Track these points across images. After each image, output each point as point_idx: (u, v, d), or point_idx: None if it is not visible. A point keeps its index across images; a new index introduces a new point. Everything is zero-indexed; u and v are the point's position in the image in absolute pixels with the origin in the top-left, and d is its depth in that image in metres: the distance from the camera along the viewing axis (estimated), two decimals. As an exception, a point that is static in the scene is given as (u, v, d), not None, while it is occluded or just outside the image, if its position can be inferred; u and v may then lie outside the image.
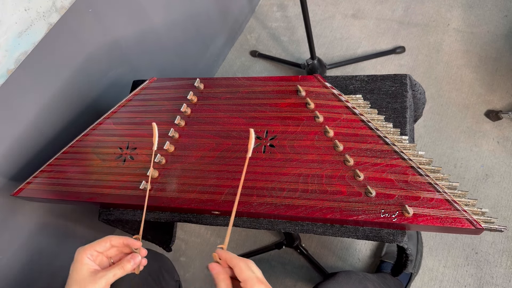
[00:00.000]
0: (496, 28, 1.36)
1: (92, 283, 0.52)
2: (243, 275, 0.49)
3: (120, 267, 0.54)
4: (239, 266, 0.50)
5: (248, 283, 0.48)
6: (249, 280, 0.49)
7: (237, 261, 0.51)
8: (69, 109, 0.99)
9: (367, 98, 0.76)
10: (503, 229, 0.58)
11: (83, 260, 0.54)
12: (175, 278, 0.85)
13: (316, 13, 1.59)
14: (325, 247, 1.19)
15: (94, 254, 0.55)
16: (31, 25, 0.72)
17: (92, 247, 0.55)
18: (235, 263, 0.50)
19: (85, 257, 0.54)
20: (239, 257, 0.51)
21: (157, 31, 1.18)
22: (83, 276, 0.53)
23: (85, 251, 0.54)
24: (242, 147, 0.74)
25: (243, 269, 0.49)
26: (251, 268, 0.50)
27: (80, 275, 0.53)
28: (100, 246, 0.55)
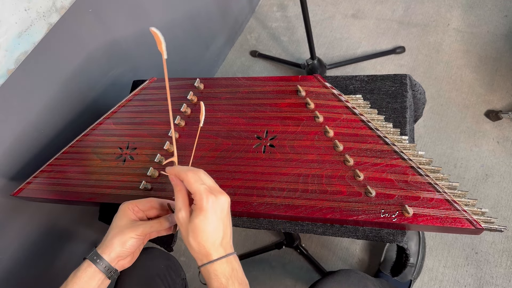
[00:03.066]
0: (496, 28, 1.36)
1: (130, 228, 0.55)
2: (192, 187, 0.49)
3: (157, 221, 0.57)
4: (187, 179, 0.50)
5: (197, 196, 0.49)
6: (197, 192, 0.49)
7: (185, 174, 0.50)
8: (69, 109, 0.99)
9: (367, 98, 0.76)
10: (503, 229, 0.58)
11: (126, 211, 0.57)
12: (182, 276, 0.86)
13: (316, 13, 1.59)
14: (325, 247, 1.19)
15: (135, 209, 0.58)
16: (31, 25, 0.72)
17: (135, 203, 0.58)
18: (183, 176, 0.50)
19: (128, 210, 0.57)
20: (188, 169, 0.51)
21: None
22: (124, 223, 0.56)
23: (128, 204, 0.57)
24: (242, 147, 0.74)
25: (192, 181, 0.49)
26: (201, 179, 0.50)
27: (121, 222, 0.57)
28: (142, 204, 0.58)
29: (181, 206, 0.51)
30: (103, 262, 0.55)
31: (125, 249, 0.55)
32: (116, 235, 0.55)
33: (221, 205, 0.50)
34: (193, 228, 0.49)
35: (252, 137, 0.75)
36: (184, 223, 0.50)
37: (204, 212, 0.48)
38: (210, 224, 0.49)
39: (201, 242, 0.49)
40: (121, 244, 0.55)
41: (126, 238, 0.55)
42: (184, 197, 0.51)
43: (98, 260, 0.55)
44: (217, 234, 0.50)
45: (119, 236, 0.55)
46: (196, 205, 0.49)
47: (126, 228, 0.56)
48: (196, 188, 0.49)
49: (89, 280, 0.55)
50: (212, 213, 0.49)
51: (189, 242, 0.50)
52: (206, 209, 0.48)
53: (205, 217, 0.48)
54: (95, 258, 0.55)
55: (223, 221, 0.50)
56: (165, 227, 0.57)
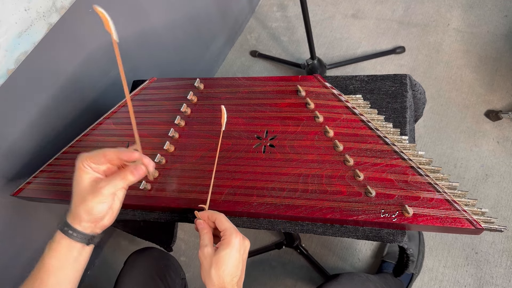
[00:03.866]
0: (496, 28, 1.36)
1: (91, 194, 0.49)
2: (224, 225, 0.55)
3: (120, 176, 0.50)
4: (220, 218, 0.57)
5: (227, 232, 0.54)
6: (228, 229, 0.55)
7: (217, 215, 0.57)
8: (69, 109, 0.99)
9: (367, 98, 0.76)
10: (503, 229, 0.58)
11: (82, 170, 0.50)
12: (181, 276, 0.86)
13: (316, 13, 1.59)
14: (325, 247, 1.19)
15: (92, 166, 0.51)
16: (31, 25, 0.72)
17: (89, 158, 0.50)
18: (216, 216, 0.57)
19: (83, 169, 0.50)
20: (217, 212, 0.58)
21: (157, 31, 1.18)
22: (82, 187, 0.50)
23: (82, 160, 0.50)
24: (242, 147, 0.74)
25: (223, 221, 0.56)
26: (229, 221, 0.57)
27: (80, 187, 0.50)
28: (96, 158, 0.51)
29: (207, 243, 0.55)
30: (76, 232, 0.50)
31: (94, 215, 0.50)
32: (79, 204, 0.50)
33: (245, 247, 0.55)
34: (217, 260, 0.52)
35: (252, 138, 0.75)
36: (209, 256, 0.53)
37: (231, 246, 0.53)
38: (233, 258, 0.53)
39: (222, 275, 0.52)
40: (87, 212, 0.50)
41: (91, 206, 0.49)
42: (210, 236, 0.57)
43: (70, 231, 0.50)
44: (236, 271, 0.53)
45: (83, 205, 0.50)
46: (225, 240, 0.54)
47: (86, 193, 0.49)
48: (228, 226, 0.55)
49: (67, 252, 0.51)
50: (237, 250, 0.53)
51: (211, 273, 0.52)
52: (233, 245, 0.53)
53: (231, 251, 0.53)
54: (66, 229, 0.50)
55: (243, 262, 0.55)
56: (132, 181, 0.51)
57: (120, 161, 0.52)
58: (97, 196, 0.49)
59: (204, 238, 0.56)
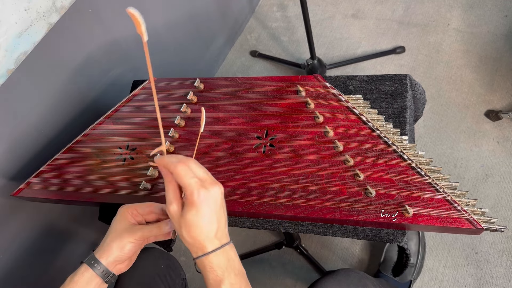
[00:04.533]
0: (496, 28, 1.36)
1: (128, 232, 0.55)
2: (182, 181, 0.47)
3: (157, 225, 0.56)
4: (177, 171, 0.47)
5: (187, 190, 0.47)
6: (188, 187, 0.47)
7: (174, 166, 0.47)
8: (69, 109, 0.99)
9: (367, 98, 0.76)
10: (503, 229, 0.58)
11: (125, 214, 0.56)
12: (182, 276, 0.86)
13: (316, 13, 1.58)
14: (325, 247, 1.19)
15: (135, 213, 0.57)
16: (31, 25, 0.72)
17: (134, 207, 0.57)
18: (172, 169, 0.48)
19: (127, 214, 0.56)
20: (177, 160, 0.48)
21: (157, 31, 1.18)
22: (122, 227, 0.55)
23: (127, 208, 0.57)
24: (242, 147, 0.74)
25: (182, 175, 0.47)
26: (191, 170, 0.48)
27: (119, 226, 0.56)
28: (141, 208, 0.57)
29: (171, 199, 0.49)
30: (100, 266, 0.54)
31: (123, 253, 0.55)
32: (115, 239, 0.55)
33: (214, 197, 0.48)
34: (186, 223, 0.48)
35: (252, 137, 0.75)
36: (176, 216, 0.49)
37: (195, 206, 0.47)
38: (203, 218, 0.47)
39: (195, 236, 0.48)
40: (119, 249, 0.55)
41: (125, 243, 0.55)
42: (174, 189, 0.49)
43: (96, 264, 0.54)
44: (210, 226, 0.48)
45: (118, 240, 0.55)
46: (187, 199, 0.47)
47: (124, 232, 0.55)
48: (186, 182, 0.47)
49: (86, 285, 0.54)
50: (205, 207, 0.47)
51: (183, 235, 0.49)
52: (197, 203, 0.47)
53: (197, 211, 0.47)
54: (93, 262, 0.55)
55: (216, 213, 0.49)
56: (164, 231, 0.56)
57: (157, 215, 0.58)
58: (133, 235, 0.54)
59: (168, 192, 0.49)
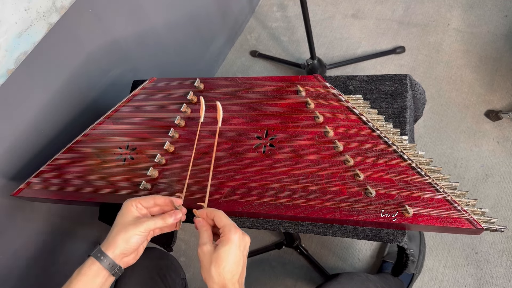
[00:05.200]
0: (496, 28, 1.36)
1: (133, 225, 0.56)
2: (222, 222, 0.55)
3: (161, 217, 0.58)
4: (219, 215, 0.56)
5: (226, 228, 0.54)
6: (227, 225, 0.54)
7: (216, 212, 0.57)
8: (69, 109, 0.99)
9: (367, 98, 0.76)
10: (503, 229, 0.58)
11: (129, 207, 0.58)
12: (182, 276, 0.86)
13: (316, 13, 1.58)
14: (325, 247, 1.19)
15: (139, 206, 0.59)
16: (31, 25, 0.72)
17: (138, 200, 0.59)
18: (214, 214, 0.57)
19: (131, 207, 0.58)
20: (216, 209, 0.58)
21: (157, 31, 1.18)
22: (127, 220, 0.57)
23: (132, 201, 0.59)
24: (242, 147, 0.74)
25: (222, 217, 0.56)
26: (228, 217, 0.56)
27: (124, 219, 0.58)
28: (145, 201, 0.59)
29: (206, 241, 0.55)
30: (107, 259, 0.55)
31: (129, 245, 0.56)
32: (120, 231, 0.56)
33: (245, 243, 0.55)
34: (217, 257, 0.52)
35: (252, 137, 0.75)
36: (208, 253, 0.53)
37: (230, 243, 0.53)
38: (233, 255, 0.52)
39: (222, 273, 0.52)
40: (125, 241, 0.56)
41: (130, 235, 0.56)
42: (210, 234, 0.56)
43: (102, 257, 0.55)
44: (237, 268, 0.53)
45: (123, 233, 0.56)
46: (224, 236, 0.53)
47: (129, 224, 0.57)
48: (227, 223, 0.55)
49: (94, 277, 0.55)
50: (237, 247, 0.53)
51: (211, 271, 0.52)
52: (233, 241, 0.53)
53: (231, 247, 0.52)
54: (99, 255, 0.56)
55: (244, 258, 0.54)
56: (169, 223, 0.58)
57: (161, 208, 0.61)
58: (138, 227, 0.56)
59: (203, 236, 0.56)
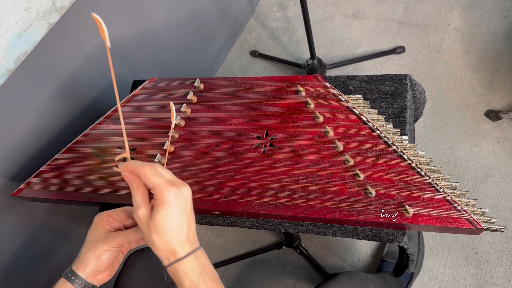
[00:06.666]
0: (496, 28, 1.36)
1: (103, 241, 0.52)
2: (150, 181, 0.46)
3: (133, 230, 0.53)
4: (145, 172, 0.46)
5: (157, 190, 0.46)
6: (157, 186, 0.46)
7: (141, 168, 0.47)
8: (69, 109, 0.99)
9: (367, 98, 0.76)
10: (503, 229, 0.58)
11: (100, 222, 0.54)
12: None
13: (316, 13, 1.58)
14: (325, 247, 1.19)
15: (110, 219, 0.55)
16: (31, 25, 0.72)
17: (109, 213, 0.55)
18: (139, 170, 0.47)
19: (102, 221, 0.54)
20: (143, 163, 0.47)
21: (157, 31, 1.18)
22: (97, 235, 0.53)
23: (102, 216, 0.54)
24: (242, 147, 0.74)
25: (149, 175, 0.46)
26: (158, 172, 0.47)
27: (94, 235, 0.54)
28: (116, 213, 0.55)
29: (140, 203, 0.47)
30: (78, 279, 0.52)
31: (101, 263, 0.53)
32: (90, 249, 0.53)
33: (184, 197, 0.47)
34: (155, 224, 0.46)
35: (252, 137, 0.75)
36: (145, 220, 0.47)
37: (166, 205, 0.45)
38: (173, 218, 0.46)
39: (165, 239, 0.46)
40: (95, 258, 0.52)
41: (100, 251, 0.52)
42: (143, 193, 0.48)
43: (73, 278, 0.52)
44: (182, 228, 0.47)
45: (93, 250, 0.52)
46: (157, 199, 0.46)
47: (99, 240, 0.53)
48: (156, 181, 0.46)
49: None
50: (175, 206, 0.46)
51: (152, 240, 0.46)
52: (168, 202, 0.45)
53: (168, 211, 0.45)
54: (70, 275, 0.52)
55: (187, 214, 0.47)
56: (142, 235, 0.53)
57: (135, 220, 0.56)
58: (109, 243, 0.52)
59: (136, 197, 0.47)
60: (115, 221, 0.55)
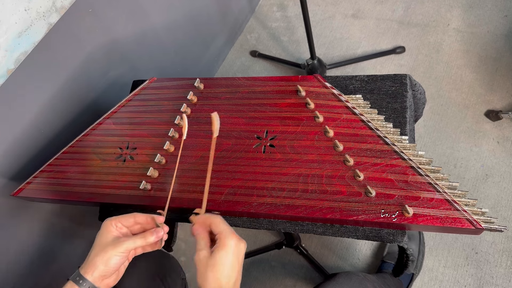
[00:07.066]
0: (496, 28, 1.36)
1: (112, 246, 0.55)
2: (219, 228, 0.55)
3: (142, 236, 0.57)
4: (215, 221, 0.56)
5: (223, 234, 0.54)
6: (223, 231, 0.54)
7: (212, 218, 0.56)
8: (69, 109, 0.99)
9: (367, 98, 0.76)
10: (503, 229, 0.58)
11: (109, 228, 0.57)
12: (181, 276, 0.86)
13: (316, 13, 1.59)
14: (325, 247, 1.19)
15: (119, 225, 0.58)
16: (31, 25, 0.72)
17: (118, 219, 0.58)
18: (211, 220, 0.56)
19: (111, 226, 0.57)
20: (213, 215, 0.57)
21: (157, 31, 1.18)
22: (106, 241, 0.56)
23: (111, 221, 0.57)
24: (242, 147, 0.74)
25: (218, 223, 0.55)
26: (225, 223, 0.56)
27: (103, 240, 0.56)
28: (125, 219, 0.58)
29: (203, 247, 0.55)
30: (86, 282, 0.54)
31: (109, 267, 0.55)
32: (99, 253, 0.55)
33: (241, 249, 0.54)
34: (214, 262, 0.52)
35: (252, 137, 0.75)
36: (204, 259, 0.53)
37: (227, 248, 0.53)
38: (229, 260, 0.52)
39: (218, 277, 0.52)
40: (103, 263, 0.54)
41: (109, 256, 0.55)
42: (207, 240, 0.56)
43: (81, 281, 0.54)
44: (233, 272, 0.53)
45: (102, 255, 0.55)
46: (221, 242, 0.53)
47: (108, 245, 0.55)
48: (224, 228, 0.54)
49: None
50: (233, 252, 0.53)
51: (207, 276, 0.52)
52: (229, 246, 0.53)
53: (227, 252, 0.52)
54: (78, 279, 0.54)
55: (239, 264, 0.54)
56: (150, 241, 0.57)
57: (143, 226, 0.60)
58: (117, 248, 0.55)
59: (200, 243, 0.55)
60: (123, 227, 0.58)
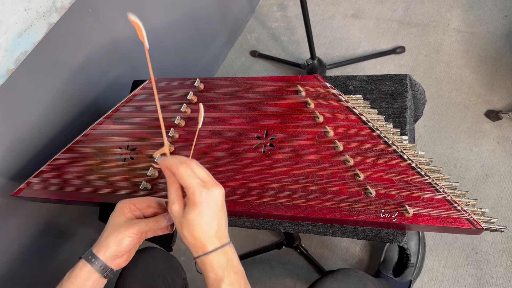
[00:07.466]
0: (496, 28, 1.36)
1: (125, 227, 0.55)
2: (185, 182, 0.48)
3: (154, 219, 0.56)
4: (179, 172, 0.48)
5: (189, 190, 0.48)
6: (190, 187, 0.48)
7: (176, 167, 0.49)
8: (69, 109, 0.99)
9: (367, 98, 0.76)
10: (503, 229, 0.58)
11: (123, 209, 0.57)
12: (182, 276, 0.86)
13: (316, 13, 1.58)
14: (325, 247, 1.19)
15: (132, 207, 0.57)
16: (31, 25, 0.72)
17: (132, 202, 0.57)
18: (174, 170, 0.49)
19: (124, 208, 0.57)
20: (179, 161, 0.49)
21: (157, 31, 1.18)
22: (120, 221, 0.56)
23: (125, 203, 0.57)
24: (242, 147, 0.74)
25: (184, 176, 0.48)
26: (193, 172, 0.49)
27: (117, 220, 0.56)
28: (139, 202, 0.58)
29: (174, 199, 0.50)
30: (98, 261, 0.54)
31: (121, 247, 0.55)
32: (112, 233, 0.55)
33: (215, 198, 0.49)
34: (187, 222, 0.49)
35: (252, 137, 0.75)
36: (178, 216, 0.50)
37: (197, 206, 0.48)
38: (204, 218, 0.48)
39: (195, 235, 0.49)
40: (116, 243, 0.55)
41: (122, 237, 0.55)
42: (177, 190, 0.50)
43: (93, 260, 0.54)
44: (211, 227, 0.49)
45: (115, 235, 0.55)
46: (189, 199, 0.49)
47: (121, 226, 0.55)
48: (188, 183, 0.48)
49: (85, 280, 0.54)
50: (206, 207, 0.48)
51: (184, 235, 0.50)
52: (199, 204, 0.48)
53: (199, 211, 0.48)
54: (90, 258, 0.55)
55: (217, 214, 0.50)
56: (162, 225, 0.57)
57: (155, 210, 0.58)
58: (130, 229, 0.55)
59: (170, 193, 0.50)
60: (137, 210, 0.58)
